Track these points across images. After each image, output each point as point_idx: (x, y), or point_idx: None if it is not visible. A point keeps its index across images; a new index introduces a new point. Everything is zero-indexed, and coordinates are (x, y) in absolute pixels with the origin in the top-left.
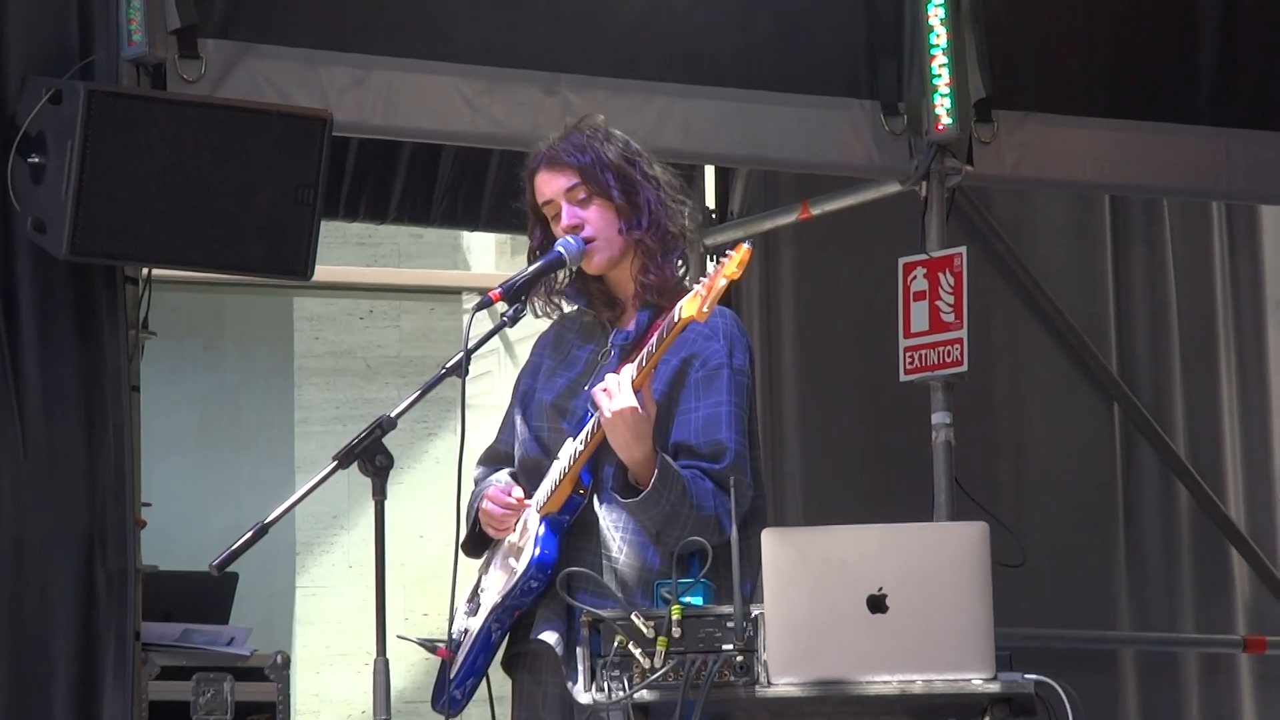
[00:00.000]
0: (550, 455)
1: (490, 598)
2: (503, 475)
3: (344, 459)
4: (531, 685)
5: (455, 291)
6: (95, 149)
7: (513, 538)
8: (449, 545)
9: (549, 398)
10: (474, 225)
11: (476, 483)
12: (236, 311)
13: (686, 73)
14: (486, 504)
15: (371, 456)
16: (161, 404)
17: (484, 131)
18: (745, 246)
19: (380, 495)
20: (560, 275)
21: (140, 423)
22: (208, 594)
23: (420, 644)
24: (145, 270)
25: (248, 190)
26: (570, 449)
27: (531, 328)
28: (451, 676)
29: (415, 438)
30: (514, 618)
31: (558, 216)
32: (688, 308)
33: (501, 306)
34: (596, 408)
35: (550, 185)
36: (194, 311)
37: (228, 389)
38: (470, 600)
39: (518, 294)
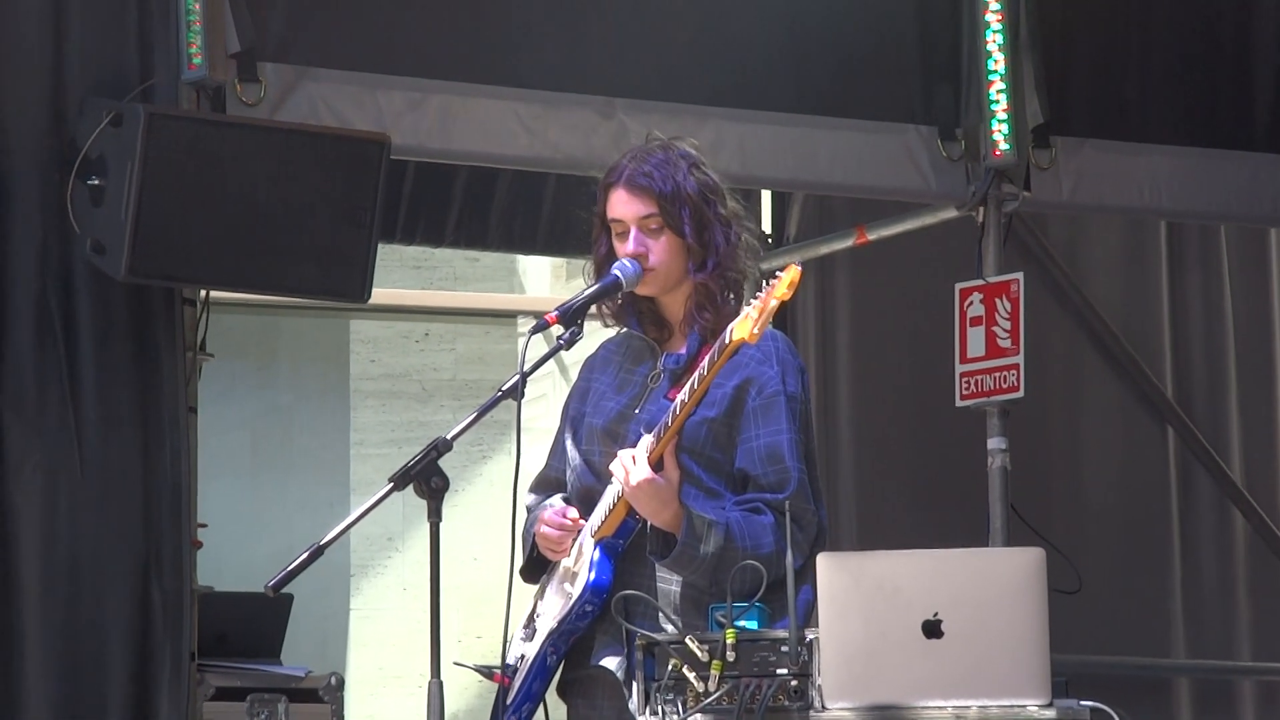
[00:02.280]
0: (603, 480)
1: (546, 623)
2: (556, 500)
3: (400, 481)
4: (587, 710)
5: (511, 315)
6: (154, 171)
7: (568, 562)
8: (503, 568)
9: (600, 422)
10: (530, 249)
11: (529, 510)
12: (291, 333)
13: (742, 97)
14: (543, 527)
15: (427, 479)
16: (215, 425)
17: (540, 155)
18: (795, 268)
19: (435, 517)
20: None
21: (197, 445)
22: (263, 616)
23: (476, 670)
24: (203, 292)
25: (305, 213)
26: (607, 504)
27: (584, 351)
28: (508, 702)
29: (470, 460)
30: (570, 643)
31: (624, 235)
32: (739, 330)
33: (558, 329)
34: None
35: (626, 207)
36: (249, 333)
37: (281, 410)
38: (526, 626)
39: (574, 317)
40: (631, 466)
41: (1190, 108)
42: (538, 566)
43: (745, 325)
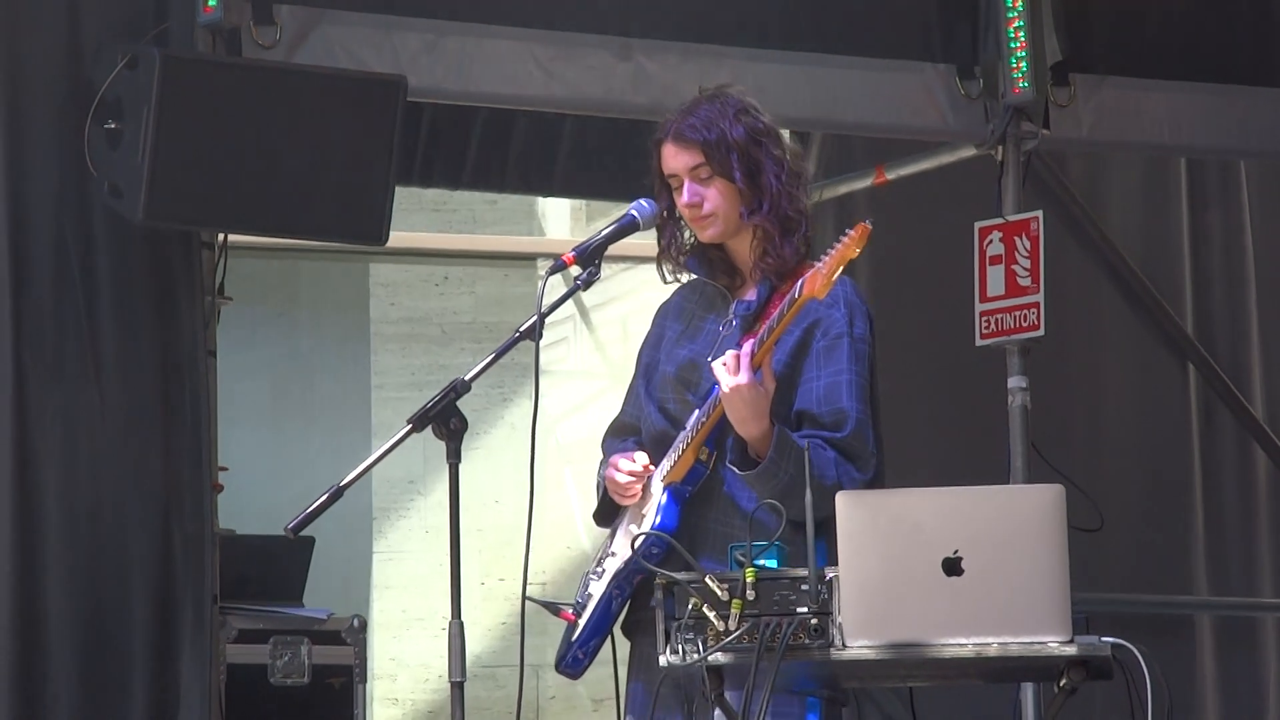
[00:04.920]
0: (677, 426)
1: (614, 564)
2: (629, 445)
3: (419, 422)
4: (650, 649)
5: (530, 257)
6: (171, 114)
7: (638, 505)
8: (524, 510)
9: (672, 369)
10: (548, 191)
11: (605, 453)
12: (311, 278)
13: (759, 37)
14: (611, 470)
15: (446, 420)
16: (236, 370)
17: (557, 96)
18: (864, 224)
19: (455, 458)
20: (682, 240)
21: (217, 388)
22: (284, 559)
23: (545, 606)
24: (221, 236)
25: (322, 156)
26: (694, 419)
27: (604, 294)
28: (573, 639)
29: (491, 403)
30: (635, 584)
31: (680, 188)
32: (808, 286)
33: (575, 270)
34: (717, 381)
35: (675, 160)
36: (268, 277)
37: (301, 355)
38: (596, 566)
39: (591, 257)
40: (735, 367)
41: (1209, 43)
42: (609, 510)
43: (814, 281)
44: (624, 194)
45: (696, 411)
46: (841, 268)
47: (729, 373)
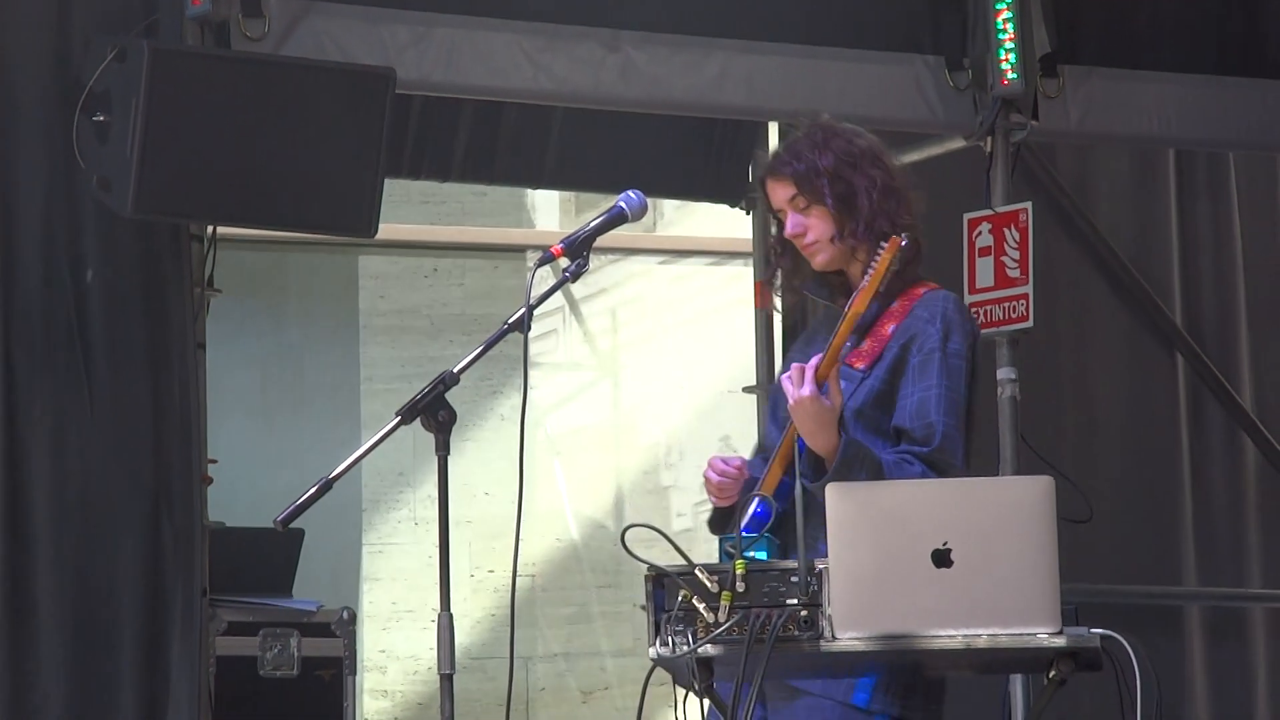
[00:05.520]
0: None
1: None
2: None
3: (407, 414)
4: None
5: (520, 249)
6: (159, 107)
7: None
8: (514, 502)
9: None
10: (537, 183)
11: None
12: (300, 270)
13: (748, 28)
14: (707, 470)
15: (434, 412)
16: (226, 363)
17: (545, 88)
18: (895, 238)
19: (443, 450)
20: (800, 268)
21: (206, 380)
22: (274, 551)
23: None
24: (210, 228)
25: (311, 148)
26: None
27: (593, 285)
28: None
29: (480, 395)
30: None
31: (785, 221)
32: (856, 301)
33: (564, 262)
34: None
35: (775, 194)
36: (258, 270)
37: (291, 347)
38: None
39: (579, 249)
40: (798, 380)
41: (1199, 35)
42: (721, 518)
43: (861, 296)
44: (613, 186)
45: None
46: (881, 281)
47: (794, 387)
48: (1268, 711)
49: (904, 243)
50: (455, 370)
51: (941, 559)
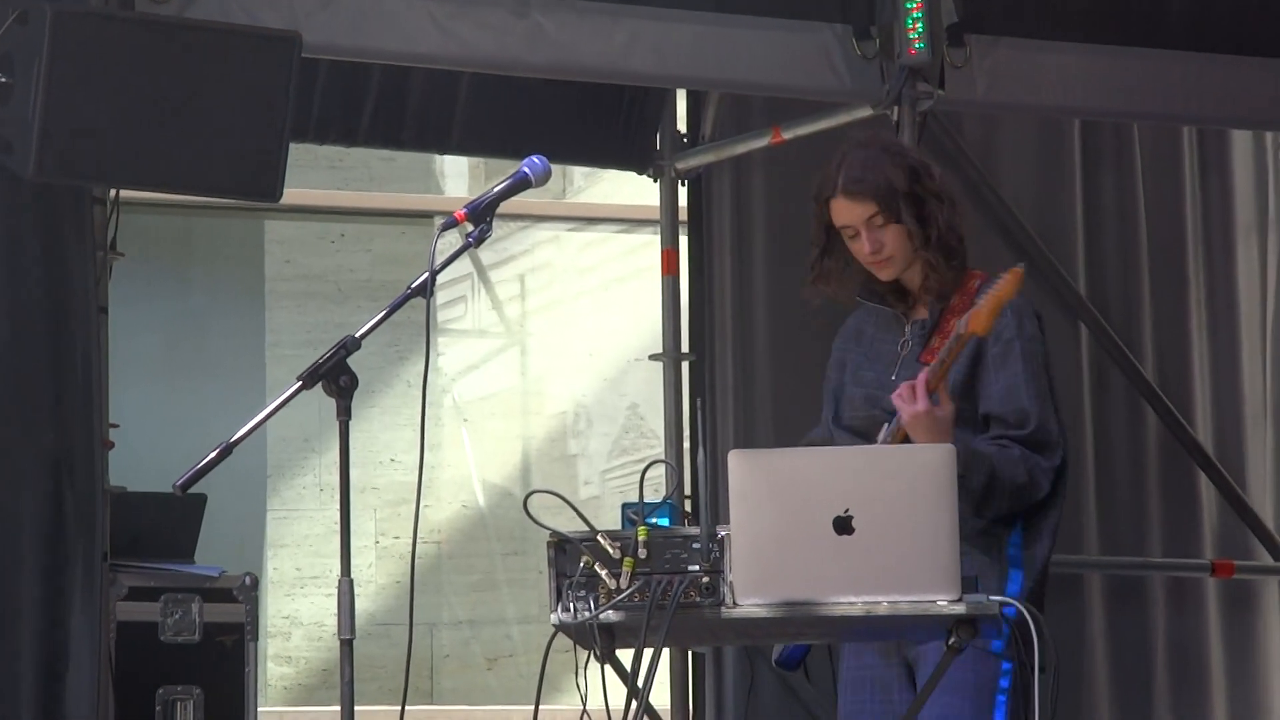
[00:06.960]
0: (868, 440)
1: None
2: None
3: (308, 379)
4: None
5: (428, 215)
6: (62, 70)
7: None
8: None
9: (860, 392)
10: (444, 148)
11: None
12: (206, 234)
13: None
14: None
15: (336, 377)
16: (129, 327)
17: (453, 54)
18: (1017, 269)
19: (345, 416)
20: (846, 275)
21: (109, 344)
22: (176, 516)
23: None
24: (113, 191)
25: (216, 112)
26: (884, 434)
27: (501, 253)
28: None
29: (387, 361)
30: None
31: (855, 237)
32: (971, 323)
33: (468, 227)
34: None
35: (849, 213)
36: (163, 234)
37: (196, 312)
38: None
39: (483, 214)
40: (911, 397)
41: (1104, 5)
42: None
43: (979, 319)
44: (521, 152)
45: (886, 426)
46: (999, 308)
47: (906, 403)
48: (1166, 678)
49: (1023, 270)
50: (358, 335)
51: (843, 526)
